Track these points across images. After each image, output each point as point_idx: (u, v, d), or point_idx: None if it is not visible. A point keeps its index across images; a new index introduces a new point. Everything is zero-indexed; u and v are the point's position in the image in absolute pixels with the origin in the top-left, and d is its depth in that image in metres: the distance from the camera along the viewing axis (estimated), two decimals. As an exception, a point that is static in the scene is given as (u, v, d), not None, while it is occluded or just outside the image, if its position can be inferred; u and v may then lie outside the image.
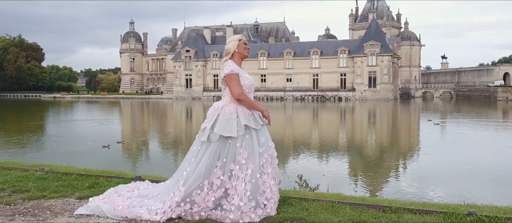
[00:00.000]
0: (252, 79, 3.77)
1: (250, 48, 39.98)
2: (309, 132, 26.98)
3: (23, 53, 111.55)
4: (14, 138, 22.16)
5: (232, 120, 3.54)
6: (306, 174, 12.30)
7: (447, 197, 10.26)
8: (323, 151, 18.41)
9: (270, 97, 77.74)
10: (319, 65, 77.62)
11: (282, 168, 13.20)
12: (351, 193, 10.15)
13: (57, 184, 4.09)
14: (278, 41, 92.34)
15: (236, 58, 3.75)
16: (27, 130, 26.58)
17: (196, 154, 3.58)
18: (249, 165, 3.49)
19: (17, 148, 18.40)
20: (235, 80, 3.59)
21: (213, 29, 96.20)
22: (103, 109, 55.11)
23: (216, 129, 3.53)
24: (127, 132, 28.50)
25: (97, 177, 4.41)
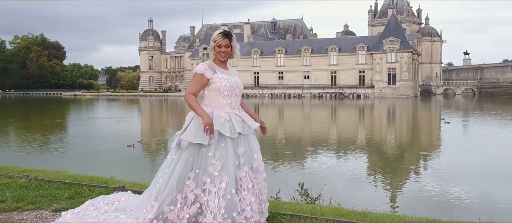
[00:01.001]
0: (237, 82, 3.39)
1: (266, 45, 38.94)
2: (325, 130, 26.51)
3: (45, 51, 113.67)
4: (37, 136, 22.33)
5: (203, 125, 3.14)
6: (317, 176, 12.03)
7: (470, 197, 9.83)
8: (340, 150, 17.96)
9: (288, 94, 77.25)
10: (337, 62, 76.74)
11: (289, 171, 12.85)
12: (364, 199, 9.76)
13: (36, 194, 3.89)
14: (295, 38, 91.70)
15: (216, 60, 3.39)
16: (49, 128, 26.78)
17: (170, 164, 3.20)
18: (223, 177, 3.07)
19: (39, 146, 18.46)
20: (194, 79, 3.26)
21: (231, 26, 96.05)
22: (123, 107, 55.53)
23: (185, 135, 3.15)
24: (147, 130, 28.45)
25: (81, 186, 4.19)
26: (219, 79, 3.27)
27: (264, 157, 13.41)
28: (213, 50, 3.36)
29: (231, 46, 3.37)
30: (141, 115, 44.29)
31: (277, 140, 20.93)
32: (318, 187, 9.20)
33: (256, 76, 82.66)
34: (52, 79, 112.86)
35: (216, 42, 3.33)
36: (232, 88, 3.31)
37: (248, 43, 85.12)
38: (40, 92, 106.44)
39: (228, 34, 3.35)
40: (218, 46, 3.33)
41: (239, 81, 3.46)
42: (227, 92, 3.28)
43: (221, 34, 3.34)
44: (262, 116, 39.43)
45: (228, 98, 3.29)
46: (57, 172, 5.07)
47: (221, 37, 3.33)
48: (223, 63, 3.40)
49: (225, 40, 3.33)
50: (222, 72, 3.32)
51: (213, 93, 3.29)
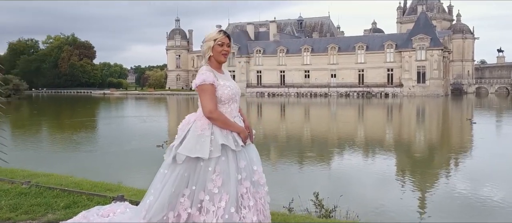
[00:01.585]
0: (236, 87, 3.08)
1: (292, 44, 38.46)
2: (351, 130, 25.96)
3: (76, 51, 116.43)
4: (66, 135, 22.74)
5: (204, 137, 2.84)
6: (339, 180, 11.67)
7: (504, 200, 9.32)
8: (366, 151, 17.48)
9: (314, 93, 76.54)
10: (365, 60, 75.48)
11: (309, 174, 12.50)
12: (390, 206, 9.35)
13: (33, 202, 3.78)
14: (322, 36, 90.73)
15: (213, 62, 3.02)
16: (79, 126, 27.23)
17: (162, 178, 2.88)
18: (222, 195, 2.76)
19: (68, 145, 18.71)
20: (208, 92, 2.88)
21: (257, 25, 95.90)
22: (150, 106, 56.20)
23: (181, 149, 2.84)
24: (174, 129, 28.50)
25: (80, 194, 4.06)
26: (221, 87, 2.96)
27: (286, 158, 13.20)
28: (211, 50, 2.99)
29: (230, 47, 3.06)
30: (168, 114, 44.66)
31: (301, 140, 20.61)
32: (338, 193, 8.88)
33: (282, 74, 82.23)
34: (82, 78, 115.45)
35: (217, 40, 2.98)
36: (233, 95, 3.01)
37: (274, 42, 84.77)
38: (71, 91, 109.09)
39: (228, 35, 3.06)
40: (219, 45, 2.98)
41: (237, 85, 3.15)
42: (227, 101, 2.99)
43: (223, 32, 3.03)
44: (288, 115, 39.12)
45: (228, 106, 3.00)
46: (62, 177, 4.99)
47: (223, 35, 3.01)
48: (220, 66, 3.06)
49: (227, 39, 3.02)
50: (221, 78, 3.00)
51: None
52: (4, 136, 6.87)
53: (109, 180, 5.75)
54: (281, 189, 10.30)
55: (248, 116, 38.16)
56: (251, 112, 44.49)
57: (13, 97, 63.46)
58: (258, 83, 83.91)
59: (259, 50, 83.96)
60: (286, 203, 4.53)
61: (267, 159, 15.26)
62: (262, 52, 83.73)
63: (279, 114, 41.57)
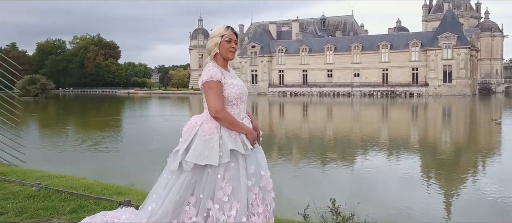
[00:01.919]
0: (243, 86, 2.90)
1: (314, 43, 37.88)
2: (375, 131, 25.49)
3: (102, 51, 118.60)
4: (91, 133, 23.08)
5: (212, 142, 2.66)
6: (361, 182, 11.40)
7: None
8: (390, 152, 17.10)
9: (337, 93, 75.75)
10: (389, 59, 74.24)
11: (330, 176, 12.25)
12: (416, 207, 9.06)
13: (40, 206, 3.74)
14: (345, 35, 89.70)
15: (219, 59, 2.85)
16: (104, 125, 27.60)
17: (166, 184, 2.71)
18: (233, 204, 2.59)
19: (93, 144, 18.94)
20: (215, 90, 2.70)
21: (279, 24, 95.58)
22: (173, 105, 56.68)
23: (189, 156, 2.65)
24: None
25: (87, 197, 4.00)
26: (229, 86, 2.78)
27: (308, 159, 12.99)
28: (217, 47, 2.82)
29: (237, 45, 2.93)
30: (190, 113, 44.87)
31: (323, 140, 20.35)
32: (360, 195, 8.66)
33: (305, 74, 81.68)
34: (107, 77, 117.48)
35: (224, 36, 2.81)
36: (241, 95, 2.83)
37: (296, 41, 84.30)
38: (97, 90, 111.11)
39: (236, 32, 2.90)
40: (227, 41, 2.81)
41: (244, 85, 2.96)
42: (235, 101, 2.80)
43: (230, 28, 2.86)
44: (310, 115, 38.77)
45: (236, 107, 2.81)
46: (74, 179, 4.95)
47: (231, 31, 2.84)
48: (226, 64, 2.89)
49: (234, 36, 2.86)
50: (228, 77, 2.82)
51: None
52: (22, 135, 6.92)
53: (125, 181, 5.70)
54: (303, 191, 10.17)
55: (270, 116, 38.02)
56: (273, 111, 44.29)
57: (40, 96, 65.02)
58: (280, 83, 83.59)
59: (281, 49, 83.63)
60: (301, 208, 4.37)
61: (288, 159, 15.10)
62: (285, 52, 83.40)
63: (301, 113, 41.26)
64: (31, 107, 48.08)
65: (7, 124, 6.99)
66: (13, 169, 5.37)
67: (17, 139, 6.55)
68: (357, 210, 4.02)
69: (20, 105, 7.40)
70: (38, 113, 39.95)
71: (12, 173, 5.10)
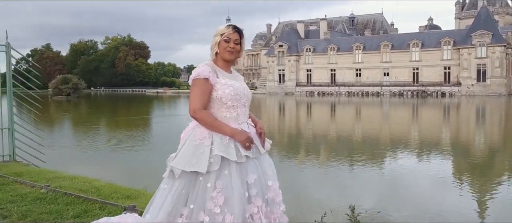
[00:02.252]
0: (244, 88, 2.70)
1: (343, 42, 36.96)
2: (405, 131, 24.81)
3: (132, 51, 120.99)
4: (120, 133, 23.38)
5: (202, 147, 2.46)
6: (387, 185, 11.02)
7: None
8: (420, 154, 16.54)
9: (366, 92, 74.57)
10: (420, 58, 72.53)
11: (355, 179, 11.89)
12: (450, 209, 8.67)
13: (44, 210, 3.67)
14: (375, 33, 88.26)
15: (219, 60, 2.70)
16: (134, 124, 27.93)
17: (162, 194, 2.54)
18: (225, 216, 2.37)
19: (119, 144, 19.11)
20: (198, 89, 2.53)
21: (307, 23, 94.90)
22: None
23: (175, 161, 2.48)
24: None
25: (94, 202, 3.90)
26: (222, 85, 2.58)
27: (335, 160, 12.68)
28: (217, 46, 2.67)
29: (240, 44, 2.71)
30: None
31: (351, 141, 19.93)
32: (386, 200, 8.34)
33: (333, 73, 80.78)
34: (137, 77, 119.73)
35: (223, 35, 2.65)
36: (237, 97, 2.61)
37: (324, 40, 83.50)
38: (127, 90, 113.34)
39: (239, 30, 2.71)
40: (225, 41, 2.64)
41: (246, 88, 2.77)
42: (231, 103, 2.59)
43: (232, 27, 2.69)
44: (338, 115, 38.21)
45: (233, 110, 2.60)
46: (85, 181, 4.89)
47: (232, 30, 2.67)
48: (227, 64, 2.73)
49: (236, 35, 2.68)
50: (225, 77, 2.64)
51: (214, 104, 2.60)
52: (50, 134, 6.96)
53: (146, 182, 5.59)
54: (331, 193, 9.95)
55: (297, 116, 37.67)
56: (300, 111, 43.94)
57: (72, 96, 66.80)
58: (308, 82, 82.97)
59: (309, 48, 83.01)
60: (318, 216, 4.14)
61: (315, 160, 14.86)
62: (312, 51, 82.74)
63: (329, 113, 40.74)
64: (63, 106, 49.37)
65: (29, 123, 7.04)
66: (29, 169, 5.38)
67: (38, 139, 6.59)
68: (377, 219, 3.76)
69: (40, 106, 7.42)
70: (69, 112, 40.97)
71: (27, 174, 5.10)
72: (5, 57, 6.45)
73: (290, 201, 9.50)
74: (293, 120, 33.81)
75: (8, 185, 4.46)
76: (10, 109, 6.38)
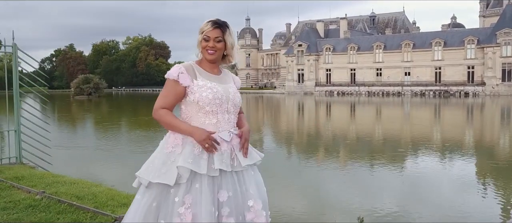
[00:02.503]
0: (228, 92, 2.38)
1: (363, 41, 36.26)
2: (428, 132, 24.21)
3: (152, 51, 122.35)
4: (138, 132, 23.48)
5: (174, 156, 2.22)
6: (409, 186, 10.69)
7: None
8: (443, 155, 16.05)
9: (386, 92, 73.47)
10: (442, 57, 71.06)
11: (371, 182, 11.55)
12: (469, 213, 8.31)
13: (35, 218, 3.55)
14: (396, 32, 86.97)
15: (203, 60, 2.43)
16: (152, 124, 27.95)
17: (134, 206, 2.29)
18: None
19: (140, 144, 19.11)
20: (165, 89, 2.33)
21: (327, 22, 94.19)
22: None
23: (142, 170, 2.24)
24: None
25: (86, 211, 3.74)
26: (199, 88, 2.30)
27: (355, 160, 12.39)
28: (200, 45, 2.40)
29: (224, 41, 2.39)
30: (244, 112, 44.87)
31: (371, 141, 19.52)
32: (407, 201, 8.02)
33: (353, 73, 79.90)
34: (158, 77, 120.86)
35: (203, 33, 2.37)
36: (218, 101, 2.30)
37: (344, 39, 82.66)
38: (147, 89, 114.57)
39: (221, 25, 2.38)
40: (205, 39, 2.37)
41: (234, 91, 2.44)
42: (210, 108, 2.29)
43: (211, 23, 2.38)
44: (358, 115, 37.65)
45: (213, 116, 2.30)
46: (85, 186, 4.74)
47: (210, 27, 2.36)
48: (213, 65, 2.44)
49: (216, 32, 2.36)
50: (205, 78, 2.35)
51: (191, 108, 2.33)
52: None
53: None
54: (352, 193, 9.75)
55: (317, 116, 37.27)
56: (320, 111, 43.52)
57: (93, 95, 67.82)
58: (327, 82, 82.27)
59: (328, 48, 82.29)
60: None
61: (335, 161, 14.61)
62: (332, 50, 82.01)
63: (349, 113, 40.21)
64: (83, 105, 50.10)
65: (38, 125, 6.99)
66: (32, 173, 5.30)
67: (45, 141, 6.52)
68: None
69: (47, 106, 7.36)
70: (88, 111, 41.51)
71: (28, 177, 5.01)
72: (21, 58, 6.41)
73: (310, 201, 9.35)
74: (313, 119, 33.46)
75: (5, 190, 4.37)
76: (17, 111, 6.33)
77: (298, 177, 11.80)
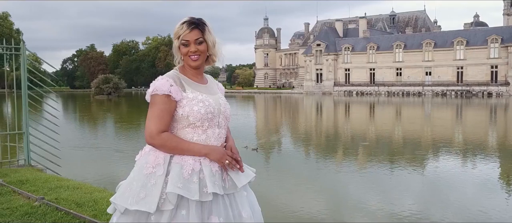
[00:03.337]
0: (219, 103, 2.10)
1: (383, 40, 35.38)
2: (449, 133, 23.61)
3: (172, 51, 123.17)
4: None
5: (154, 178, 1.90)
6: (431, 188, 10.35)
7: None
8: (465, 157, 15.56)
9: (406, 92, 72.33)
10: (464, 57, 69.56)
11: (399, 180, 11.22)
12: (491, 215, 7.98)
13: None
14: (416, 31, 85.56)
15: (187, 68, 2.14)
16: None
17: None
18: None
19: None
20: (157, 108, 1.97)
21: (346, 21, 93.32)
22: (238, 104, 57.10)
23: (117, 195, 1.94)
24: (262, 129, 27.89)
25: (81, 220, 3.59)
26: (190, 101, 2.00)
27: (375, 162, 12.10)
28: (178, 52, 2.11)
29: (205, 41, 2.08)
30: (255, 112, 44.81)
31: (391, 142, 19.10)
32: (428, 203, 7.74)
33: (372, 72, 78.93)
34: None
35: (180, 38, 2.06)
36: (210, 116, 2.02)
37: (363, 38, 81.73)
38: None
39: (198, 23, 2.06)
40: (184, 45, 2.06)
41: (224, 102, 2.16)
42: (201, 123, 2.00)
43: (186, 24, 2.05)
44: (377, 115, 37.07)
45: (202, 132, 2.01)
46: (87, 191, 4.61)
47: (187, 28, 2.04)
48: (198, 71, 2.14)
49: (195, 33, 2.05)
50: (195, 89, 2.06)
51: (177, 124, 2.02)
52: (58, 139, 6.79)
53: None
54: (371, 195, 9.57)
55: (335, 116, 36.83)
56: (338, 111, 43.03)
57: (113, 95, 68.63)
58: (346, 82, 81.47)
59: (347, 47, 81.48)
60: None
61: (354, 162, 14.35)
62: (351, 50, 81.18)
63: (369, 113, 39.63)
64: (103, 104, 50.69)
65: (47, 126, 6.92)
66: (37, 176, 5.21)
67: (55, 142, 6.44)
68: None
69: (56, 108, 7.29)
70: (109, 110, 41.92)
71: (31, 181, 4.91)
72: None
73: (329, 202, 9.18)
74: (331, 120, 33.06)
75: (5, 195, 4.28)
76: (25, 112, 6.27)
77: (317, 177, 11.73)
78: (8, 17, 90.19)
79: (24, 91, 6.18)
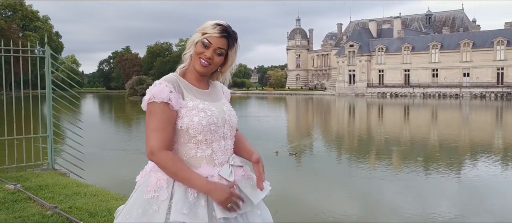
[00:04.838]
0: (221, 112, 1.84)
1: (418, 40, 34.12)
2: (488, 137, 22.59)
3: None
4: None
5: (157, 203, 1.68)
6: (468, 194, 9.85)
7: None
8: (505, 162, 14.79)
9: (443, 94, 70.16)
10: (505, 57, 66.85)
11: (434, 185, 10.71)
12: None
13: None
14: (454, 31, 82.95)
15: (190, 71, 1.88)
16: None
17: None
18: None
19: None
20: (155, 118, 1.72)
21: (380, 21, 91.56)
22: (270, 105, 56.90)
23: (120, 218, 1.74)
24: (293, 132, 27.45)
25: None
26: (189, 111, 1.75)
27: (410, 166, 11.67)
28: (193, 47, 1.83)
29: (226, 55, 1.87)
30: (287, 114, 44.46)
31: (426, 146, 18.42)
32: (465, 209, 7.33)
33: (407, 74, 77.03)
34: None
35: (204, 36, 1.80)
36: (213, 127, 1.77)
37: (398, 39, 79.92)
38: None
39: (231, 36, 1.84)
40: (204, 44, 1.79)
41: (229, 109, 1.91)
42: (203, 136, 1.76)
43: (220, 28, 1.81)
44: (412, 118, 36.02)
45: (207, 146, 1.77)
46: (103, 199, 4.48)
47: (218, 32, 1.80)
48: (202, 77, 1.89)
49: (221, 41, 1.81)
50: (196, 97, 1.81)
51: (179, 138, 1.78)
52: (87, 141, 6.76)
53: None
54: (406, 198, 9.41)
55: (369, 118, 36.00)
56: (372, 113, 42.11)
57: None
58: (379, 83, 79.85)
59: (381, 48, 79.86)
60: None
61: (389, 165, 13.94)
62: (385, 50, 79.52)
63: (403, 116, 38.58)
64: (136, 106, 51.60)
65: (71, 130, 6.91)
66: (57, 182, 5.15)
67: (79, 146, 6.42)
68: None
69: (78, 109, 7.28)
70: (142, 111, 42.56)
71: (51, 187, 4.85)
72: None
73: (363, 206, 8.91)
74: (364, 122, 32.35)
75: (20, 202, 4.22)
76: (50, 115, 6.26)
77: (351, 180, 11.58)
78: (48, 20, 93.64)
79: (49, 94, 6.19)
